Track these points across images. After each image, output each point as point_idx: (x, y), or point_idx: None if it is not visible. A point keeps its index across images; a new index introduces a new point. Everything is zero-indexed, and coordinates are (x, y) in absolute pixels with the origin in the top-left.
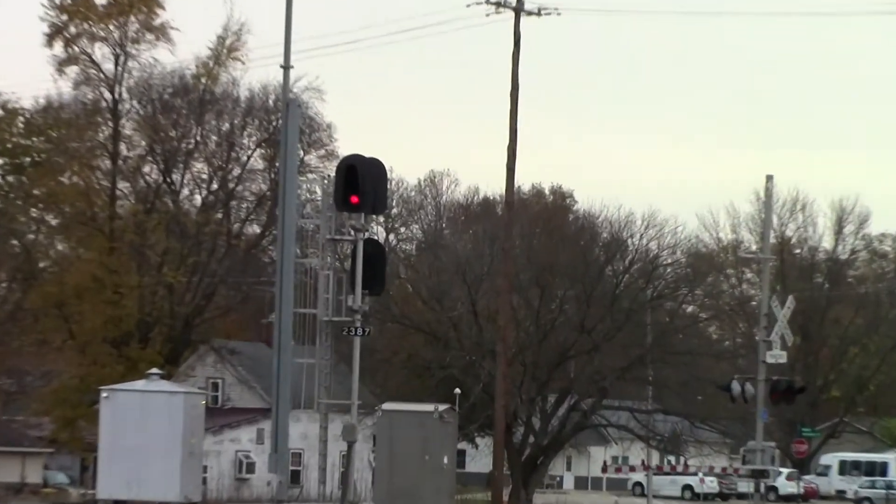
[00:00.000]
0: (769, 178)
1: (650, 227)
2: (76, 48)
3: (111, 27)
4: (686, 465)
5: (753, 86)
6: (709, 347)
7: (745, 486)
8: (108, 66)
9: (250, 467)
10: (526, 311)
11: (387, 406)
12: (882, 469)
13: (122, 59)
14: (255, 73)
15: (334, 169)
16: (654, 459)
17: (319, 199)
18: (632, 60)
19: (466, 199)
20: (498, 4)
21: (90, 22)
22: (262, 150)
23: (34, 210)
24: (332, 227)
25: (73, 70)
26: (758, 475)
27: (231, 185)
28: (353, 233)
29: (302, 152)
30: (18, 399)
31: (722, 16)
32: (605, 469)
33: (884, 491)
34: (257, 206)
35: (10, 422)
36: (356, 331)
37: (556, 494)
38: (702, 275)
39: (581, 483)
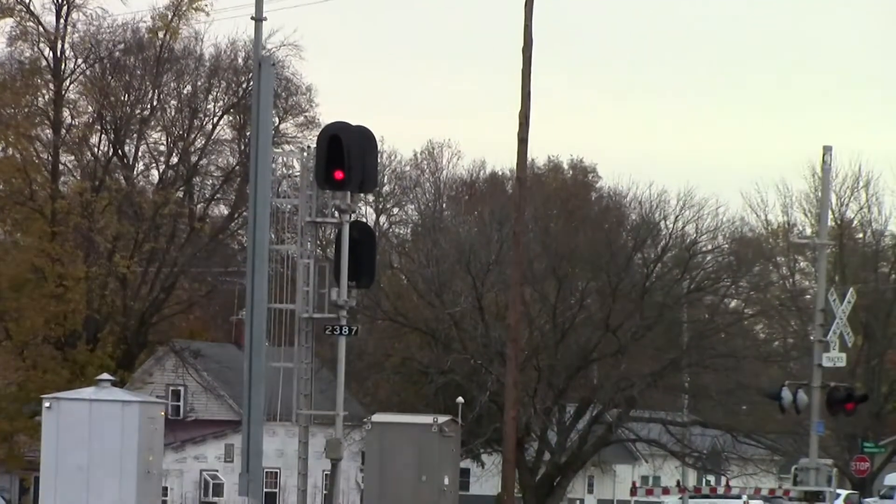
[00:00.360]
0: (827, 149)
1: (686, 207)
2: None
3: None
4: (728, 487)
5: (806, 37)
6: (755, 349)
7: None
8: (49, 19)
9: (217, 489)
10: (541, 306)
11: (377, 418)
12: None
13: (64, 9)
14: (221, 27)
15: (315, 139)
16: (691, 480)
17: (298, 174)
18: (664, 14)
19: (470, 174)
20: None
21: None
22: (231, 118)
23: None
24: (313, 207)
25: (6, 23)
26: (811, 498)
27: (194, 159)
28: (337, 215)
29: (277, 120)
30: None
31: None
32: (633, 491)
33: None
34: (225, 183)
35: None
36: (341, 330)
37: None
38: (747, 263)
39: None
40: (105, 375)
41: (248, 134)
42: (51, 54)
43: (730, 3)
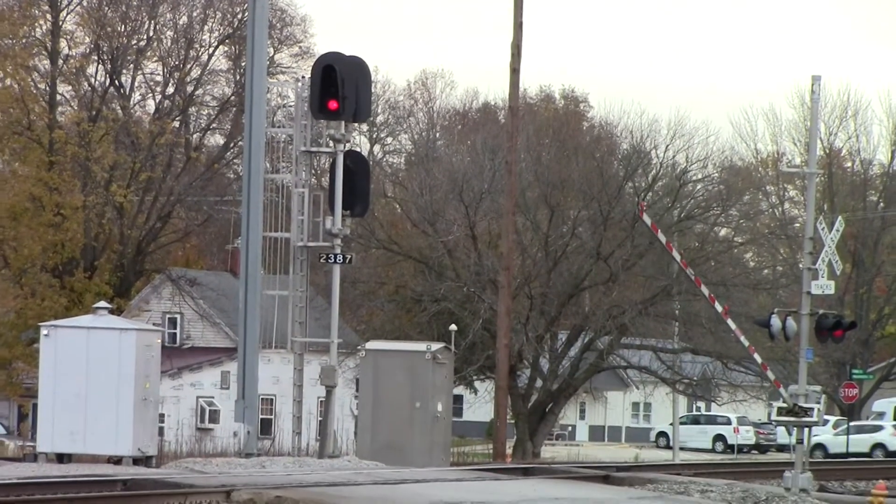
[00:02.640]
0: (816, 78)
1: (677, 136)
2: None
3: None
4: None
5: None
6: (745, 277)
7: (784, 438)
8: None
9: (214, 416)
10: (533, 234)
11: (371, 345)
12: None
13: None
14: None
15: (310, 69)
16: (682, 406)
17: (292, 104)
18: None
19: (463, 104)
20: None
21: None
22: (226, 48)
23: None
24: (308, 137)
25: None
26: (801, 413)
27: (189, 89)
28: (331, 144)
29: (272, 50)
30: None
31: None
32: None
33: None
34: (220, 113)
35: None
36: (336, 258)
37: (568, 447)
38: (737, 192)
39: (596, 433)
40: (102, 303)
41: (243, 64)
42: None
43: None
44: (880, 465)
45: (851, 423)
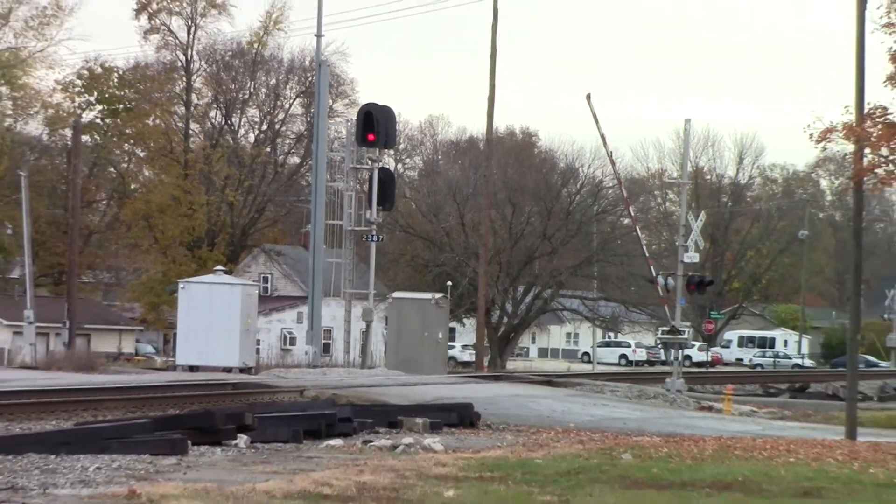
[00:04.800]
0: (687, 120)
1: (596, 158)
2: (157, 20)
3: (184, 3)
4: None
5: (677, 47)
6: (640, 250)
7: (666, 357)
8: (183, 35)
9: (292, 341)
10: (501, 222)
11: (396, 295)
12: (771, 342)
13: (192, 29)
14: (295, 40)
15: (356, 114)
16: (598, 335)
17: (344, 137)
18: (581, 29)
19: (457, 137)
20: None
21: (167, 1)
22: (301, 100)
23: (126, 145)
24: (354, 158)
25: (155, 37)
26: (675, 332)
27: (277, 126)
28: (369, 163)
29: (331, 101)
30: (115, 289)
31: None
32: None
33: (771, 358)
34: (297, 143)
35: (110, 306)
36: (372, 237)
37: (524, 361)
38: (635, 195)
39: (542, 353)
40: (219, 267)
41: (312, 110)
42: (184, 58)
43: (631, 25)
44: (729, 373)
45: (711, 348)
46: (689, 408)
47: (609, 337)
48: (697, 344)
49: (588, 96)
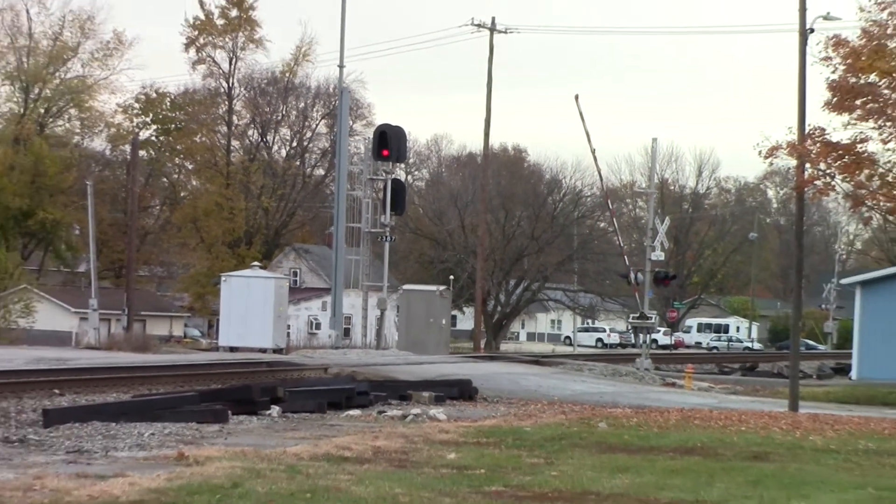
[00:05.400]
0: (654, 139)
1: (577, 171)
2: (204, 53)
3: (227, 39)
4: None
5: (648, 77)
6: (614, 249)
7: (636, 340)
8: (225, 65)
9: (317, 326)
10: (496, 225)
11: (406, 287)
12: (725, 328)
13: (234, 60)
14: (320, 70)
15: (372, 133)
16: (578, 322)
17: (362, 152)
18: (564, 60)
19: (458, 152)
20: (479, 26)
21: (213, 36)
22: (325, 121)
23: (176, 159)
24: (371, 170)
25: (201, 67)
26: (643, 318)
27: (305, 143)
28: (384, 174)
29: (351, 122)
30: (167, 281)
31: (621, 33)
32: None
33: (725, 342)
34: (322, 157)
35: (162, 296)
36: (386, 238)
37: (515, 344)
38: (613, 201)
39: (531, 337)
40: (255, 263)
41: (335, 130)
42: (226, 85)
43: (607, 62)
44: (689, 355)
45: (674, 333)
46: (656, 384)
47: (587, 323)
48: (663, 329)
49: (576, 97)
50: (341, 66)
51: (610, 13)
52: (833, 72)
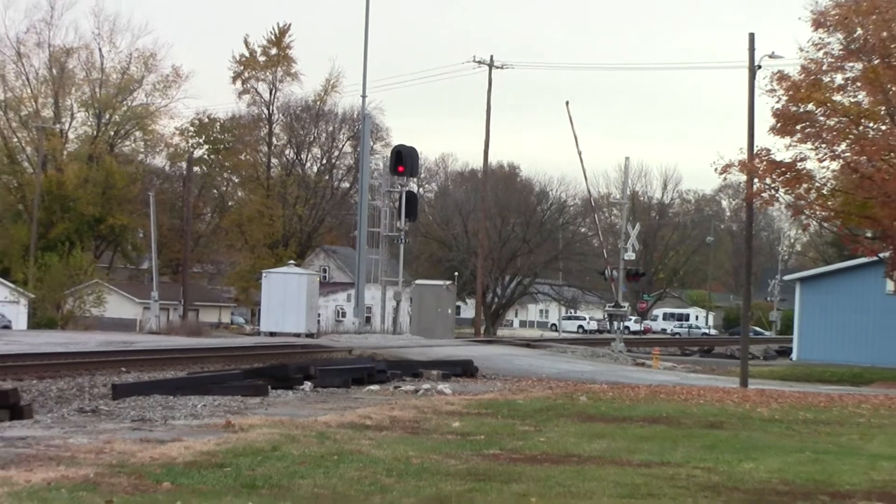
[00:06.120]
0: (626, 158)
1: (561, 185)
2: (248, 85)
3: (267, 73)
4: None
5: (622, 104)
6: (593, 250)
7: (611, 327)
8: (266, 95)
9: (343, 314)
10: (493, 230)
11: (418, 282)
12: (686, 317)
13: (273, 91)
14: (346, 99)
15: (390, 152)
16: (563, 311)
17: (381, 168)
18: (551, 90)
19: (462, 168)
20: (479, 63)
21: (256, 70)
22: (350, 142)
23: (225, 174)
24: (388, 184)
25: (246, 97)
26: (617, 306)
27: (333, 161)
28: (399, 187)
29: (371, 143)
30: (217, 277)
31: (604, 69)
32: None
33: (686, 329)
34: (347, 172)
35: (212, 289)
36: (401, 240)
37: (509, 330)
38: (590, 210)
39: (523, 324)
40: (291, 261)
41: (358, 150)
42: (266, 112)
43: (587, 94)
44: (656, 339)
45: (644, 321)
46: (628, 364)
47: (570, 312)
48: (634, 318)
49: (567, 103)
50: (364, 96)
51: (592, 51)
52: (777, 101)
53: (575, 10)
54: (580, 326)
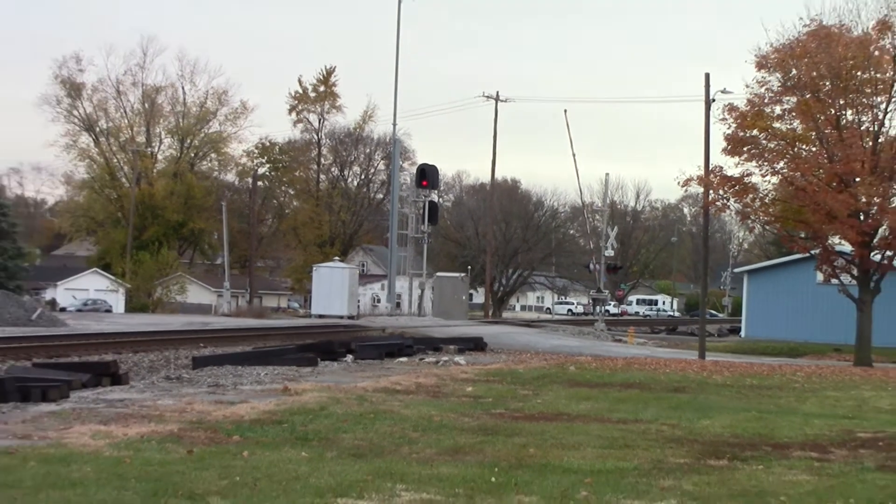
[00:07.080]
0: (607, 173)
1: (554, 195)
2: (301, 115)
3: (317, 106)
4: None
5: (603, 127)
6: (580, 248)
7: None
8: (316, 124)
9: (378, 300)
10: (499, 232)
11: (439, 274)
12: (655, 303)
13: (321, 120)
14: (380, 126)
15: (416, 169)
16: (555, 298)
17: (409, 183)
18: (546, 118)
19: (474, 182)
20: (487, 97)
21: (307, 104)
22: (384, 161)
23: (283, 187)
24: (414, 195)
25: (300, 125)
26: (598, 292)
27: (370, 177)
28: (423, 198)
29: (401, 162)
30: (276, 270)
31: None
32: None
33: (656, 312)
34: (381, 186)
35: (273, 279)
36: (425, 241)
37: (512, 313)
38: (577, 216)
39: (523, 308)
40: (336, 258)
41: (390, 167)
42: (316, 137)
43: (576, 121)
44: (631, 321)
45: (621, 305)
46: (608, 340)
47: (561, 298)
48: (613, 303)
49: (565, 111)
50: (394, 125)
51: (578, 86)
52: (728, 128)
53: (575, 56)
54: (569, 310)
